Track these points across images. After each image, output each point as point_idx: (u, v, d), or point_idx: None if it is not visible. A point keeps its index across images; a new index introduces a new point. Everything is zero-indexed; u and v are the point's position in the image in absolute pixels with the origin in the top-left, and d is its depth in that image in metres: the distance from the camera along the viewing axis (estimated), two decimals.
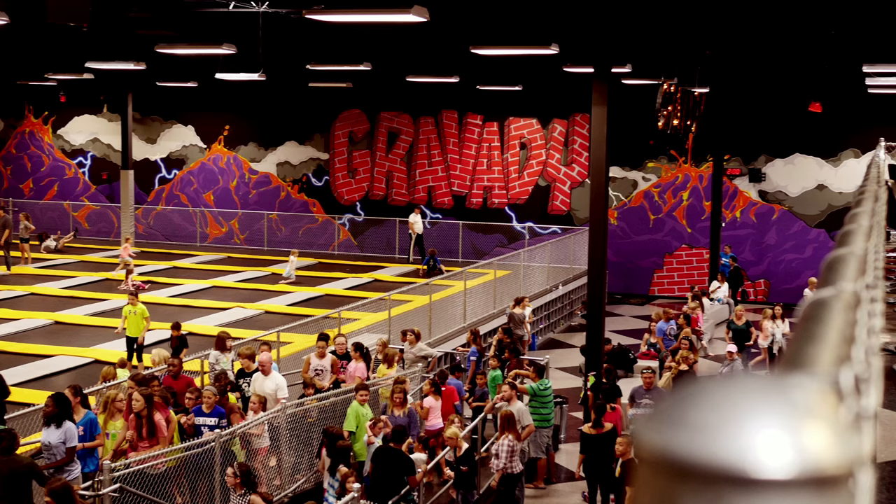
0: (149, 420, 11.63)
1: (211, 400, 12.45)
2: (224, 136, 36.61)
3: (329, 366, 15.58)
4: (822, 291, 1.23)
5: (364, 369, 15.52)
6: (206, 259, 32.92)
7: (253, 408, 12.97)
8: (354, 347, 15.84)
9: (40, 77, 32.87)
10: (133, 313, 18.96)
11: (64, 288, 26.94)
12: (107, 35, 22.88)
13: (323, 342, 15.86)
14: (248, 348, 14.89)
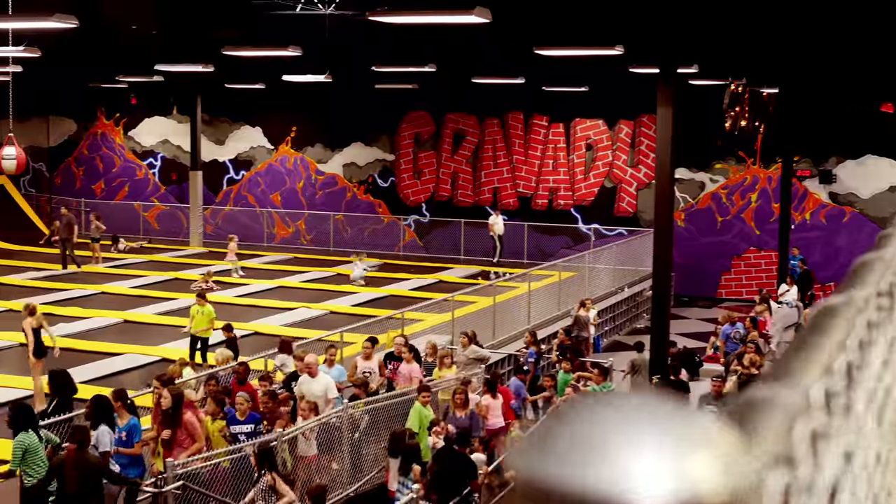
0: (178, 419, 11.32)
1: (244, 407, 12.06)
2: (291, 138, 36.89)
3: (376, 368, 15.44)
4: (831, 299, 1.19)
5: (418, 370, 15.44)
6: (273, 259, 33.20)
7: (303, 414, 12.66)
8: (409, 349, 15.74)
9: (112, 80, 33.40)
10: (200, 313, 18.95)
11: (133, 287, 27.32)
12: (176, 38, 23.18)
13: (369, 344, 15.72)
14: (303, 351, 14.81)
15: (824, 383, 0.88)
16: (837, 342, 0.99)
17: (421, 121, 35.18)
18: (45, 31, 17.06)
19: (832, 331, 1.02)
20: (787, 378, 0.87)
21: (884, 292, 1.27)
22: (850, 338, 1.03)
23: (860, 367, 1.06)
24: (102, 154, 39.81)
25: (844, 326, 1.06)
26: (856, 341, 1.06)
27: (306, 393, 13.46)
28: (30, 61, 25.03)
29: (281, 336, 20.74)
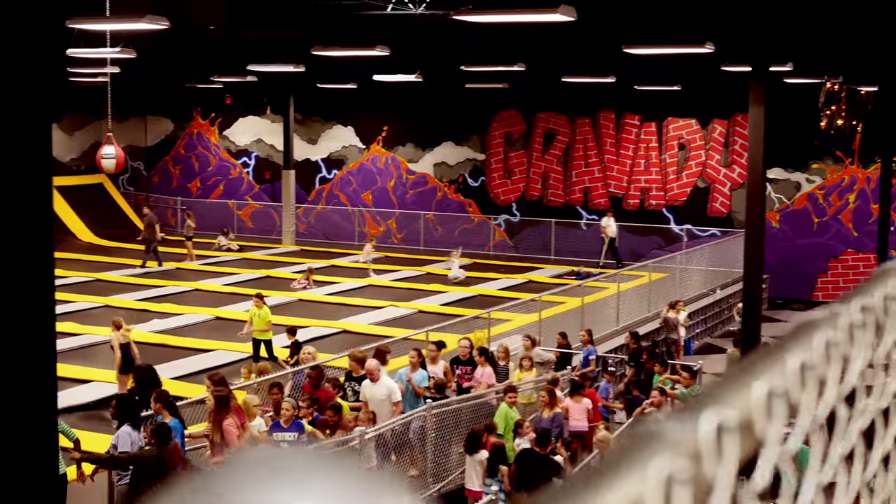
0: (220, 422, 11.12)
1: (289, 413, 11.63)
2: (382, 137, 37.09)
3: (442, 372, 15.07)
4: (812, 313, 1.10)
5: (492, 374, 15.21)
6: (364, 258, 33.37)
7: (361, 421, 12.25)
8: (479, 352, 15.51)
9: (207, 80, 33.94)
10: (258, 316, 18.71)
11: (226, 284, 27.71)
12: (268, 38, 23.45)
13: (434, 347, 15.45)
14: (360, 351, 14.49)
15: (720, 416, 0.77)
16: (786, 367, 0.90)
17: (511, 120, 35.09)
18: (139, 33, 17.40)
19: (788, 353, 0.94)
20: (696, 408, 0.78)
21: (869, 308, 1.16)
22: (805, 364, 0.93)
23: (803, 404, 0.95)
24: (198, 153, 40.49)
25: (806, 348, 0.97)
26: (812, 370, 0.95)
27: (369, 399, 13.10)
28: (127, 62, 25.53)
29: (368, 334, 20.94)
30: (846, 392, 1.09)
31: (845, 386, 1.09)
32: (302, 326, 22.38)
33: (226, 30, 21.43)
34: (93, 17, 14.18)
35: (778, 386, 0.91)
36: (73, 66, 28.90)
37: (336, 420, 12.06)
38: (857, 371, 1.07)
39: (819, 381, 0.97)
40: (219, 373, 12.69)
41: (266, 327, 18.60)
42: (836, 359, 1.00)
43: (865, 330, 1.11)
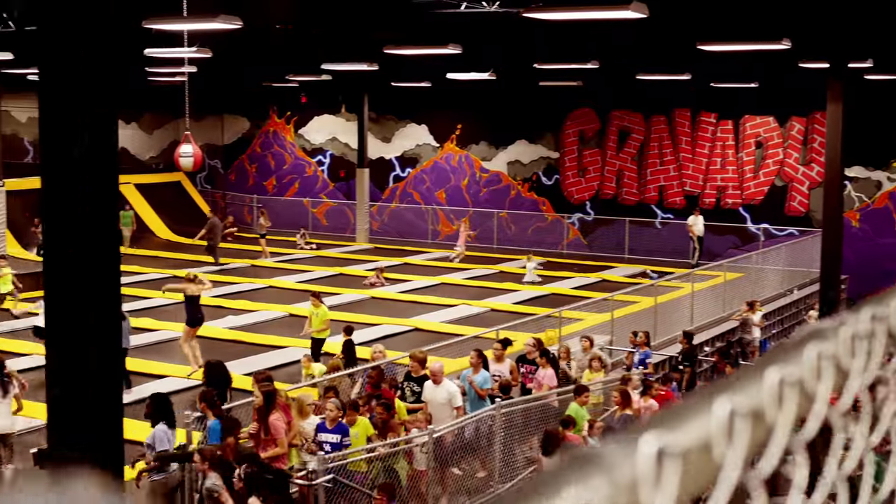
0: (266, 419, 11.10)
1: (332, 415, 11.34)
2: (456, 135, 37.12)
3: (508, 371, 14.87)
4: (822, 322, 1.04)
5: (553, 376, 14.97)
6: (437, 256, 33.46)
7: (418, 424, 12.01)
8: (541, 353, 15.29)
9: (282, 79, 34.25)
10: (315, 315, 18.53)
11: (300, 282, 27.94)
12: (341, 37, 23.57)
13: (500, 345, 15.24)
14: (420, 351, 14.31)
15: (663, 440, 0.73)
16: (763, 383, 0.84)
17: (585, 118, 34.88)
18: (214, 33, 17.59)
19: (774, 367, 0.88)
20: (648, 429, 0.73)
21: (881, 317, 1.09)
22: (785, 379, 0.87)
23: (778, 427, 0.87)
24: (274, 151, 40.88)
25: (798, 363, 0.91)
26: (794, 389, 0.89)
27: (430, 401, 12.90)
28: (204, 62, 25.84)
29: (439, 332, 20.96)
30: (844, 409, 1.04)
31: (842, 402, 1.04)
32: (373, 324, 22.55)
33: (299, 29, 21.59)
34: (167, 17, 14.38)
35: (742, 405, 0.86)
36: (151, 65, 29.36)
37: (385, 418, 11.86)
38: (855, 387, 1.01)
39: (805, 398, 0.92)
40: (262, 372, 12.56)
41: (324, 326, 18.43)
42: (827, 373, 0.95)
43: (872, 341, 1.05)
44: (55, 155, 5.47)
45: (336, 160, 39.56)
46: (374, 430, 11.65)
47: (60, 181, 5.43)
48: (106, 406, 5.55)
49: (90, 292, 5.46)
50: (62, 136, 5.44)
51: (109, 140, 5.54)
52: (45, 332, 5.70)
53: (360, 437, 11.45)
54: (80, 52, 5.47)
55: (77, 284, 5.47)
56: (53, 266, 5.54)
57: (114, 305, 5.72)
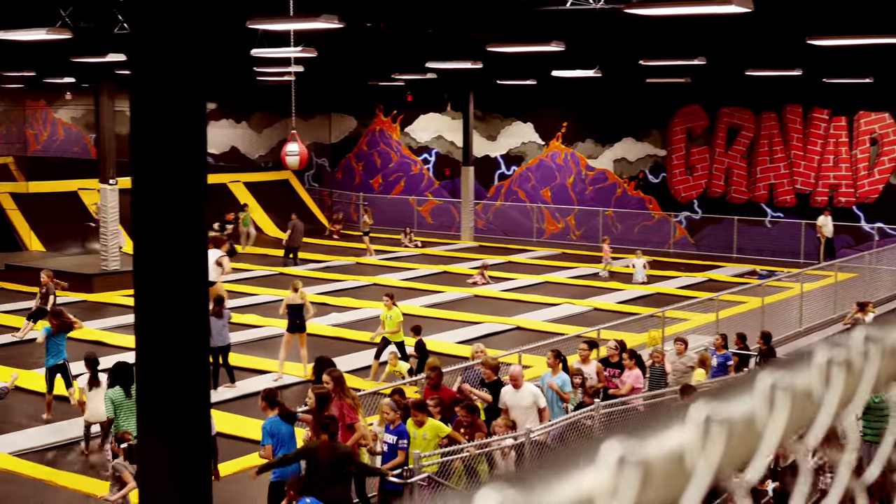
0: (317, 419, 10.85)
1: (389, 416, 11.15)
2: (562, 133, 36.90)
3: (594, 372, 14.52)
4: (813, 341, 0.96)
5: (639, 377, 14.55)
6: (541, 255, 33.34)
7: (498, 430, 11.69)
8: (630, 355, 14.94)
9: (388, 78, 34.47)
10: (389, 318, 18.15)
11: (404, 279, 28.07)
12: (446, 36, 23.60)
13: (586, 346, 14.93)
14: (492, 358, 13.99)
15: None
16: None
17: (693, 115, 34.37)
18: (318, 32, 17.74)
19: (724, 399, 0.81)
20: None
21: (875, 338, 1.00)
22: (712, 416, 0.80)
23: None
24: (380, 150, 41.18)
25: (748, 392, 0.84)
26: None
27: (511, 406, 12.54)
28: (312, 62, 26.12)
29: (542, 331, 20.84)
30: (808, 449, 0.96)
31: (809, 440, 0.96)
32: (475, 322, 22.54)
33: (402, 28, 21.68)
34: (270, 18, 14.56)
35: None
36: (259, 65, 29.81)
37: (470, 420, 11.65)
38: (825, 421, 0.92)
39: (754, 435, 0.85)
40: (336, 369, 12.43)
41: (396, 328, 18.02)
42: (780, 407, 0.87)
43: (854, 368, 0.96)
44: (145, 154, 5.56)
45: (441, 158, 39.67)
46: (456, 430, 11.48)
47: (150, 180, 5.51)
48: (193, 399, 5.62)
49: (177, 289, 5.53)
50: (151, 135, 5.52)
51: (197, 139, 5.60)
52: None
53: (428, 437, 11.15)
54: (167, 53, 5.54)
55: (165, 281, 5.54)
56: (143, 263, 5.63)
57: (201, 299, 5.78)
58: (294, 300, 18.26)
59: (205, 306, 5.81)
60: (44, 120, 51.93)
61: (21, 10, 20.44)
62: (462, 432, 11.41)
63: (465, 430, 11.48)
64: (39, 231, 30.71)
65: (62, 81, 42.42)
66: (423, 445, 11.03)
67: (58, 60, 31.62)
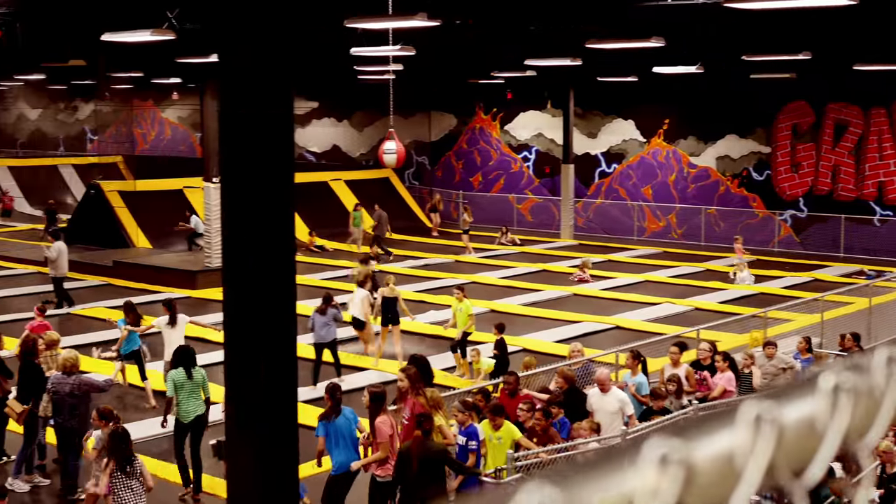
0: (372, 421, 10.89)
1: (459, 417, 10.97)
2: (663, 130, 36.45)
3: (684, 376, 13.92)
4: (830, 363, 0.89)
5: (731, 379, 14.03)
6: (642, 253, 32.99)
7: (581, 433, 11.41)
8: (723, 357, 14.20)
9: (488, 76, 34.45)
10: (460, 310, 17.95)
11: (502, 278, 28.02)
12: (546, 33, 23.49)
13: (677, 349, 14.30)
14: (569, 368, 13.51)
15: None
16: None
17: (799, 111, 33.62)
18: (416, 30, 17.79)
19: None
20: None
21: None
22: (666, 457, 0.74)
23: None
24: (480, 148, 41.16)
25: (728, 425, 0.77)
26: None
27: (597, 409, 12.21)
28: (412, 60, 26.24)
29: (641, 330, 20.60)
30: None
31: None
32: (574, 321, 22.39)
33: (503, 25, 21.64)
34: (366, 17, 14.63)
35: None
36: (359, 64, 30.05)
37: (544, 426, 11.35)
38: (827, 455, 0.86)
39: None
40: (412, 367, 12.17)
41: (468, 322, 17.81)
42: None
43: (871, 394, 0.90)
44: (233, 155, 5.60)
45: (541, 156, 39.50)
46: (529, 436, 11.30)
47: (238, 181, 5.56)
48: (280, 399, 5.64)
49: (265, 289, 5.56)
50: (238, 136, 5.56)
51: (285, 140, 5.62)
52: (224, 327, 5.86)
53: (503, 441, 10.90)
54: (250, 54, 5.57)
55: (253, 281, 5.58)
56: (231, 261, 5.68)
57: (289, 299, 5.81)
58: (387, 293, 18.59)
59: (292, 304, 5.84)
60: (152, 120, 53.12)
61: (130, 12, 20.93)
62: (534, 440, 11.22)
63: (538, 437, 11.28)
64: (146, 228, 31.40)
65: (169, 82, 43.41)
66: (499, 449, 10.86)
67: (164, 61, 32.33)
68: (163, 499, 11.99)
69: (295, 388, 5.95)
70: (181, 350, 12.86)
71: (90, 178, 38.97)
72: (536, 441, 11.18)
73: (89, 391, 12.08)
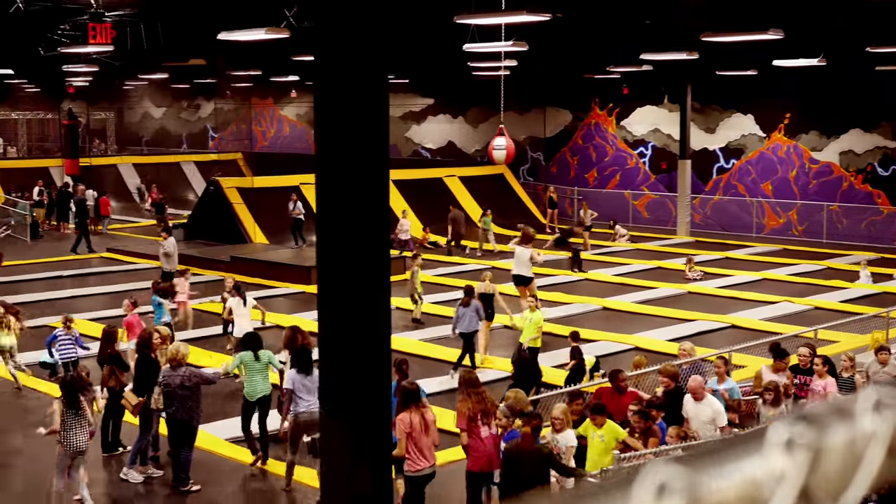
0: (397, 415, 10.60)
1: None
2: (784, 125, 35.59)
3: (784, 382, 13.01)
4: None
5: (834, 384, 13.18)
6: (761, 251, 32.29)
7: (668, 440, 10.94)
8: (823, 361, 13.28)
9: (603, 71, 34.11)
10: (529, 321, 16.42)
11: (617, 275, 27.71)
12: (661, 26, 23.15)
13: (776, 355, 13.43)
14: (672, 365, 12.93)
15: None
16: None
17: None
18: (529, 25, 17.69)
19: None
20: None
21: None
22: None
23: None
24: (595, 143, 40.79)
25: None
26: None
27: (691, 417, 11.69)
28: (525, 55, 26.11)
29: (758, 330, 20.11)
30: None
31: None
32: (688, 320, 21.99)
33: (615, 20, 21.39)
34: (477, 13, 14.57)
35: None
36: (473, 61, 30.03)
37: (643, 427, 11.04)
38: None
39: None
40: (471, 372, 11.91)
41: (536, 334, 16.34)
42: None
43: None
44: (328, 151, 5.59)
45: (658, 152, 38.96)
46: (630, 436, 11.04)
47: (333, 177, 5.54)
48: (374, 395, 5.62)
49: (360, 284, 5.54)
50: (334, 132, 5.54)
51: (379, 136, 5.59)
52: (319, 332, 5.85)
53: (606, 440, 10.67)
54: (347, 51, 5.54)
55: (348, 276, 5.56)
56: (326, 257, 5.67)
57: (383, 294, 5.77)
58: (485, 290, 18.60)
59: (386, 298, 5.80)
60: (271, 117, 54.02)
61: (250, 11, 21.28)
62: (636, 437, 10.99)
63: (639, 436, 11.03)
64: (263, 224, 31.89)
65: (287, 80, 44.04)
66: (602, 448, 10.68)
67: (282, 59, 32.81)
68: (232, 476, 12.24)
69: (389, 385, 5.93)
70: (249, 335, 13.64)
71: (211, 175, 39.80)
72: (638, 439, 10.98)
73: (199, 383, 12.28)
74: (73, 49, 25.68)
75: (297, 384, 11.94)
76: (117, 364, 13.53)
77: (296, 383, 11.94)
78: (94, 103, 57.59)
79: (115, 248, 31.99)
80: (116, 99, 59.19)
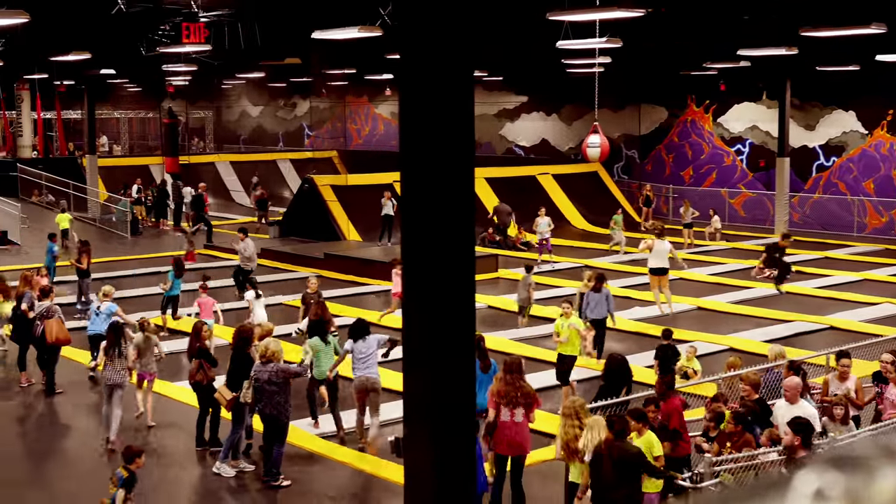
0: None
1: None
2: (887, 122, 34.70)
3: (854, 390, 12.33)
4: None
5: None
6: (862, 250, 31.53)
7: (763, 444, 10.55)
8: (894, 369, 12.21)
9: (700, 67, 33.63)
10: (566, 326, 15.44)
11: (711, 274, 27.30)
12: (759, 22, 22.75)
13: (847, 361, 12.55)
14: (755, 373, 12.27)
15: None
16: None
17: None
18: (624, 21, 17.48)
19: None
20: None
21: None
22: None
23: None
24: (691, 141, 40.25)
25: None
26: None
27: (780, 422, 11.11)
28: (619, 52, 25.88)
29: (857, 331, 19.63)
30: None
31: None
32: (785, 321, 21.56)
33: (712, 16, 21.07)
34: (569, 10, 14.46)
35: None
36: (567, 58, 29.85)
37: (737, 430, 10.59)
38: None
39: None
40: (516, 358, 11.77)
41: (577, 341, 15.55)
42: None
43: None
44: (413, 150, 5.57)
45: (755, 149, 38.30)
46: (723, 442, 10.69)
47: (418, 175, 5.52)
48: (458, 394, 5.58)
49: (443, 280, 5.51)
50: (418, 131, 5.52)
51: (465, 135, 5.54)
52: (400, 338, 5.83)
53: (643, 450, 10.02)
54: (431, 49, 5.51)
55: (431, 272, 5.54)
56: (412, 255, 5.65)
57: (468, 292, 5.73)
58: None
59: (471, 297, 5.76)
60: (365, 115, 54.39)
61: (345, 10, 21.43)
62: (729, 446, 10.65)
63: (733, 444, 10.67)
64: (356, 222, 32.11)
65: (381, 78, 44.30)
66: None
67: (376, 58, 32.98)
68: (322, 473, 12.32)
69: (473, 382, 5.90)
70: (314, 322, 14.47)
71: (306, 173, 40.21)
72: (731, 447, 10.64)
73: (287, 378, 12.38)
74: (172, 49, 26.13)
75: (355, 349, 13.30)
76: (206, 358, 13.72)
77: (354, 348, 13.31)
78: (194, 102, 58.69)
79: (211, 244, 32.52)
80: (215, 98, 60.22)
